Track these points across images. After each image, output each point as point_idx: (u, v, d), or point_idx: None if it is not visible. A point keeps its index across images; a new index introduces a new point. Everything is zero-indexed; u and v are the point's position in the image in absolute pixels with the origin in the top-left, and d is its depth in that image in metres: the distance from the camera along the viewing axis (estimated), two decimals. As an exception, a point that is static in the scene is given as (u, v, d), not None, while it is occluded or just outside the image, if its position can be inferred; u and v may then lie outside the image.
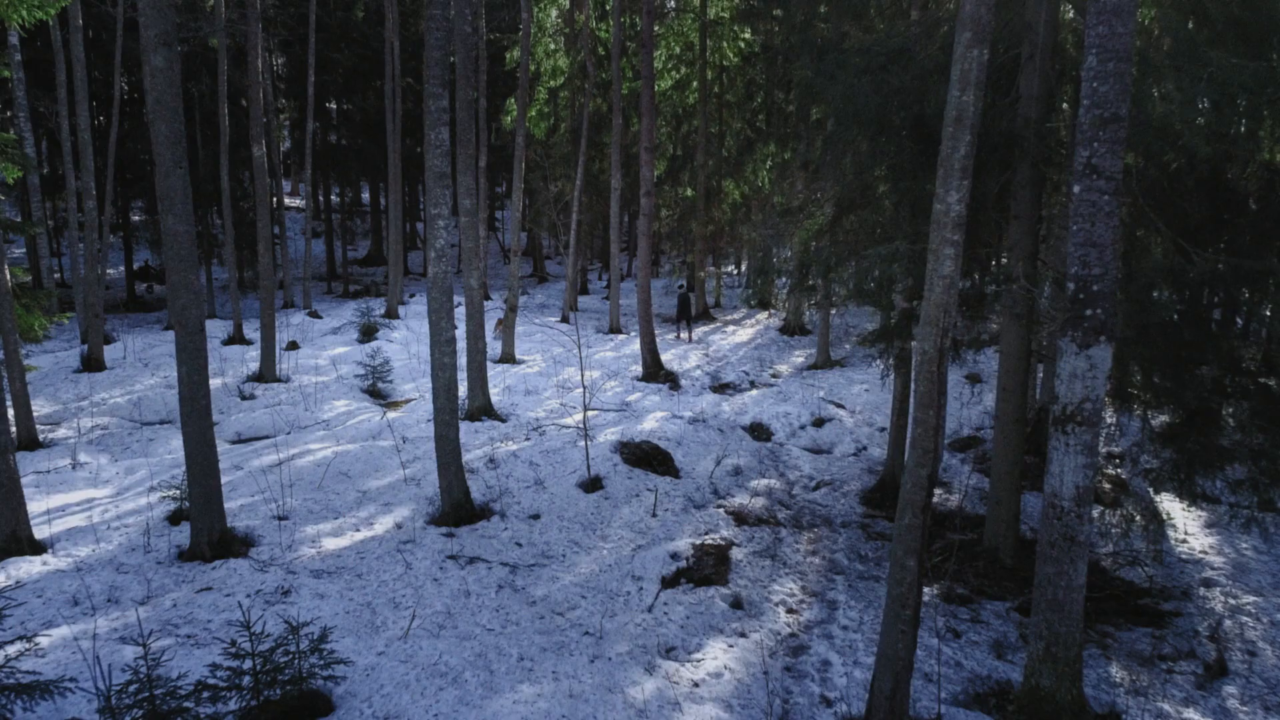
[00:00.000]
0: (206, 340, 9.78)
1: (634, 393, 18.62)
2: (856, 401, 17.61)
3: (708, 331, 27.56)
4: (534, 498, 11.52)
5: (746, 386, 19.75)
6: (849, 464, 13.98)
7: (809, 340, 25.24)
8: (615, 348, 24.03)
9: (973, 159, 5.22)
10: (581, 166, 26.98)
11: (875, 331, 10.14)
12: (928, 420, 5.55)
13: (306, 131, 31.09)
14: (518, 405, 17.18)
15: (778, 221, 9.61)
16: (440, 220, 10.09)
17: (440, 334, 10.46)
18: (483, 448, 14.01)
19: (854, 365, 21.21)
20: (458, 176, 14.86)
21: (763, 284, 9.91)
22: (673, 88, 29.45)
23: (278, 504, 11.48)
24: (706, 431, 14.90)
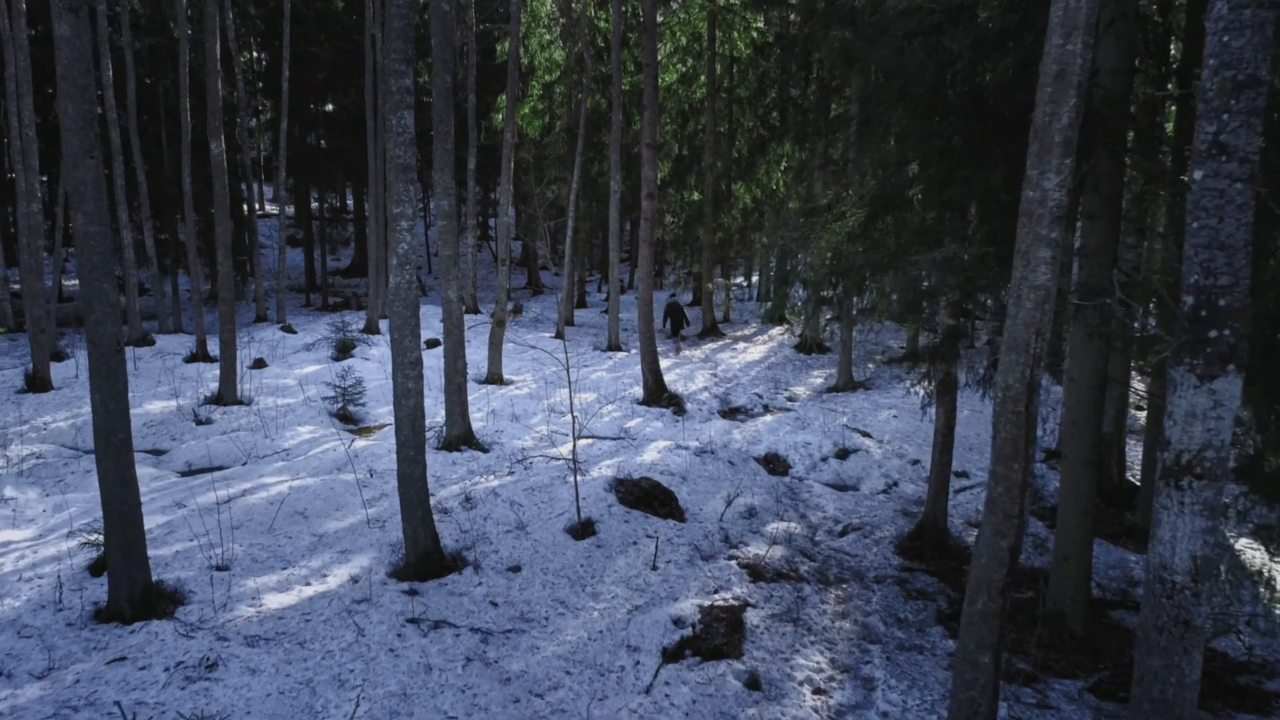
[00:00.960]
0: (125, 362, 8.68)
1: (633, 418, 17.53)
2: (884, 429, 16.49)
3: (716, 349, 26.48)
4: (515, 545, 10.39)
5: (759, 411, 18.65)
6: (879, 504, 12.84)
7: (828, 359, 24.15)
8: (614, 367, 22.94)
9: (1078, 129, 4.12)
10: (578, 168, 25.99)
11: (913, 352, 9.04)
12: (1011, 477, 4.44)
13: (281, 131, 30.09)
14: (503, 432, 16.09)
15: (801, 223, 8.53)
16: (404, 221, 9.01)
17: (404, 354, 9.36)
18: (459, 483, 12.92)
19: (879, 387, 20.09)
20: (435, 174, 13.85)
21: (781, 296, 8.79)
22: (678, 82, 28.45)
23: (219, 551, 10.37)
24: (715, 464, 13.78)
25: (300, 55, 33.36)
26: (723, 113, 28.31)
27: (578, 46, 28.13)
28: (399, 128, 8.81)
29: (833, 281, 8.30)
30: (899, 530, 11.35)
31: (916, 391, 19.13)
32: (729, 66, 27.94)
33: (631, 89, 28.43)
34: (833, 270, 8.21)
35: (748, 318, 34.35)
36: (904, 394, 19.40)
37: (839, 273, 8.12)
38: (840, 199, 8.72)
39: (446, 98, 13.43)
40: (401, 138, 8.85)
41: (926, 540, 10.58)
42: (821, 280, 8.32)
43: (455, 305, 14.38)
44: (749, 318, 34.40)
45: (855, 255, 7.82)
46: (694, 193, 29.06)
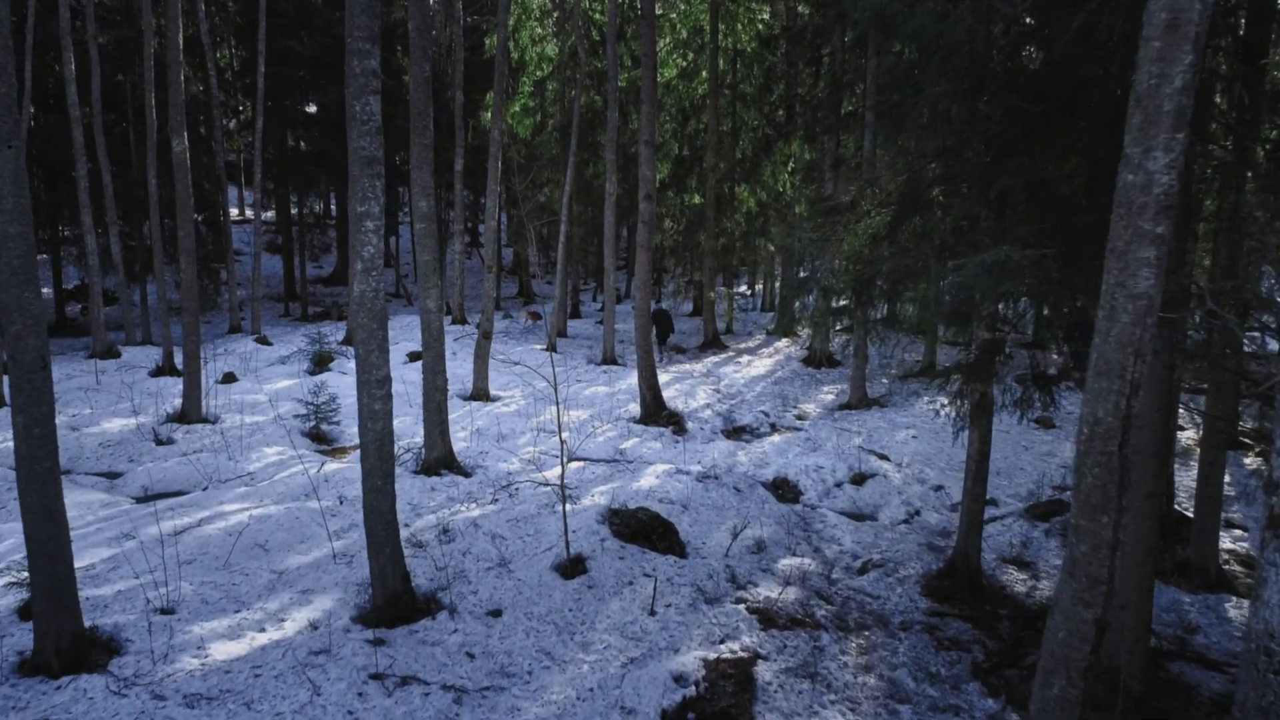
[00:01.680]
0: (51, 380, 7.90)
1: (629, 438, 16.76)
2: (902, 451, 15.73)
3: (718, 362, 25.73)
4: (496, 585, 9.61)
5: (766, 431, 17.88)
6: (901, 536, 12.06)
7: (839, 374, 23.41)
8: (609, 381, 22.19)
9: (1194, 94, 3.37)
10: (571, 169, 25.23)
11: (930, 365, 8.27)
12: (1099, 533, 3.68)
13: (257, 130, 29.37)
14: (487, 454, 15.33)
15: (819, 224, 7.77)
16: (369, 222, 8.26)
17: (370, 372, 8.60)
18: (437, 512, 12.15)
19: (896, 404, 19.35)
20: (413, 172, 13.13)
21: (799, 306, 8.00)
22: (678, 77, 27.78)
23: (165, 591, 9.58)
24: (719, 491, 13.01)
25: (279, 51, 32.66)
26: (725, 110, 27.63)
27: (571, 40, 27.47)
28: (363, 115, 8.06)
29: (857, 290, 7.53)
30: (925, 567, 10.56)
31: (938, 410, 18.51)
32: (732, 61, 27.28)
33: (628, 85, 27.74)
34: (858, 277, 7.43)
35: (751, 329, 33.61)
36: (923, 412, 18.66)
37: (865, 280, 7.34)
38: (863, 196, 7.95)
39: (425, 88, 12.72)
40: (366, 126, 8.10)
41: (957, 579, 9.79)
42: (845, 288, 7.54)
43: (435, 316, 13.64)
44: (753, 329, 33.67)
45: (883, 260, 7.07)
46: (695, 196, 28.36)
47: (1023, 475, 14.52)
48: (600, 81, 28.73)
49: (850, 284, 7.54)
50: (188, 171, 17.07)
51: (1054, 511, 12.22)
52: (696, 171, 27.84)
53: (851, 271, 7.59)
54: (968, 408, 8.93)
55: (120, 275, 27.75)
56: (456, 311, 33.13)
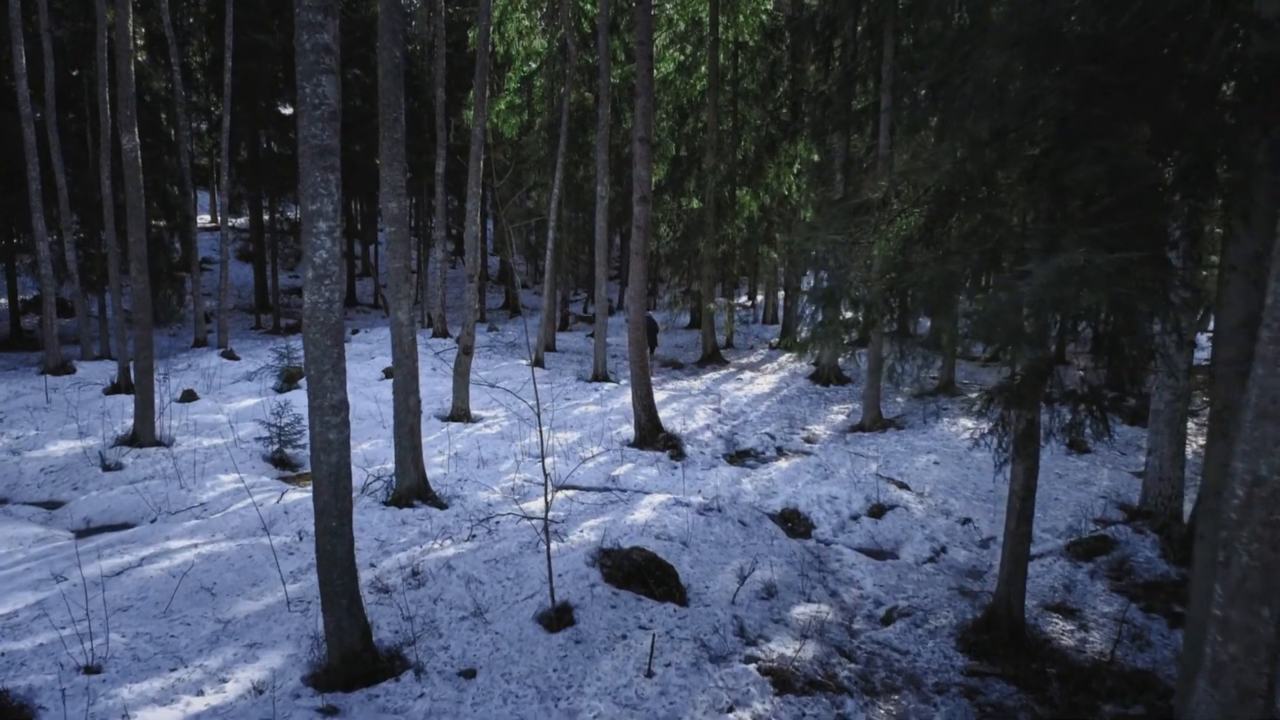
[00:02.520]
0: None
1: (623, 463, 15.93)
2: (924, 479, 14.90)
3: (719, 379, 24.93)
4: (470, 639, 8.73)
5: (772, 455, 17.06)
6: (927, 578, 11.21)
7: (848, 392, 22.62)
8: (600, 400, 21.36)
9: None
10: (560, 171, 24.51)
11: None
12: (1255, 629, 2.87)
13: (224, 130, 28.55)
14: (466, 482, 14.49)
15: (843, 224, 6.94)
16: (321, 222, 7.41)
17: (323, 396, 7.74)
18: (408, 549, 11.27)
19: (913, 426, 18.53)
20: (382, 170, 12.32)
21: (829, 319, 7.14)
22: (675, 72, 27.05)
23: (93, 645, 8.68)
24: (723, 525, 12.16)
25: (248, 45, 31.91)
26: (725, 108, 26.85)
27: (560, 32, 26.72)
28: (315, 98, 7.22)
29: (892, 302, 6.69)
30: (959, 617, 9.70)
31: (965, 433, 17.73)
32: (733, 55, 26.54)
33: (622, 82, 27.03)
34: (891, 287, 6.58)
35: (753, 342, 32.88)
36: (944, 434, 17.84)
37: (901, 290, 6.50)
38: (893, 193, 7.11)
39: (396, 75, 11.90)
40: (318, 111, 7.26)
41: (998, 632, 8.93)
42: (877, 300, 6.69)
43: (407, 329, 12.80)
44: (755, 342, 32.94)
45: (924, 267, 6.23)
46: (693, 200, 27.62)
47: (1058, 507, 13.68)
48: (591, 77, 28.06)
49: (883, 295, 6.70)
50: (139, 171, 16.23)
51: (1098, 550, 11.38)
52: (695, 174, 27.10)
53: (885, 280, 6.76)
54: (1010, 436, 8.08)
55: (76, 285, 26.89)
56: (437, 324, 32.34)
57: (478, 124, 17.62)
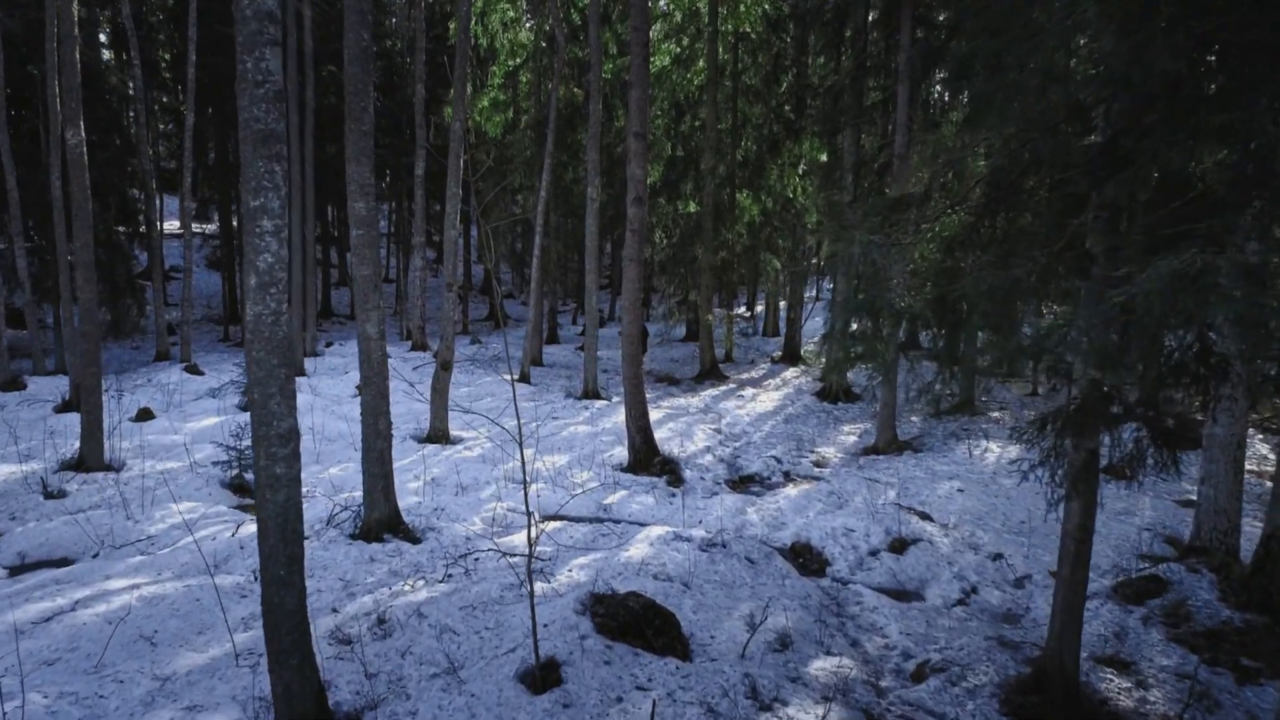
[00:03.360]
0: None
1: (616, 490, 15.10)
2: (947, 509, 14.09)
3: (718, 396, 24.15)
4: (442, 703, 7.87)
5: (779, 480, 16.27)
6: (959, 624, 10.38)
7: (859, 410, 21.84)
8: (591, 419, 20.53)
9: None
10: (547, 172, 23.73)
11: (1040, 419, 6.63)
12: None
13: (186, 128, 27.73)
14: (443, 512, 13.66)
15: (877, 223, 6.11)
16: (265, 220, 6.61)
17: (269, 423, 6.90)
18: (375, 592, 10.42)
19: (932, 449, 17.73)
20: (348, 167, 11.52)
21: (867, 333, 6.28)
22: (672, 64, 26.35)
23: (6, 709, 7.81)
24: (728, 563, 11.34)
25: (214, 38, 31.12)
26: (725, 105, 26.08)
27: (548, 23, 25.96)
28: (257, 73, 6.41)
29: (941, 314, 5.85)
30: (1001, 673, 8.85)
31: (986, 457, 16.96)
32: (733, 47, 25.76)
33: (614, 77, 26.28)
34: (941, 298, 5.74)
35: (754, 356, 32.10)
36: (966, 458, 17.04)
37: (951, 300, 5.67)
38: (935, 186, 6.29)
39: (364, 60, 11.11)
40: (262, 90, 6.44)
41: (1049, 694, 8.09)
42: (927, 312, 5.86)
43: (376, 344, 11.96)
44: (755, 356, 32.17)
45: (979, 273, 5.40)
46: (689, 203, 26.86)
47: (1099, 540, 12.85)
48: (580, 72, 27.40)
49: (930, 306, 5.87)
50: (85, 169, 15.38)
51: (1150, 592, 10.56)
52: (692, 175, 26.39)
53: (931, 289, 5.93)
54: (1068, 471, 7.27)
55: (28, 294, 25.99)
56: (416, 336, 31.55)
57: (457, 119, 16.82)
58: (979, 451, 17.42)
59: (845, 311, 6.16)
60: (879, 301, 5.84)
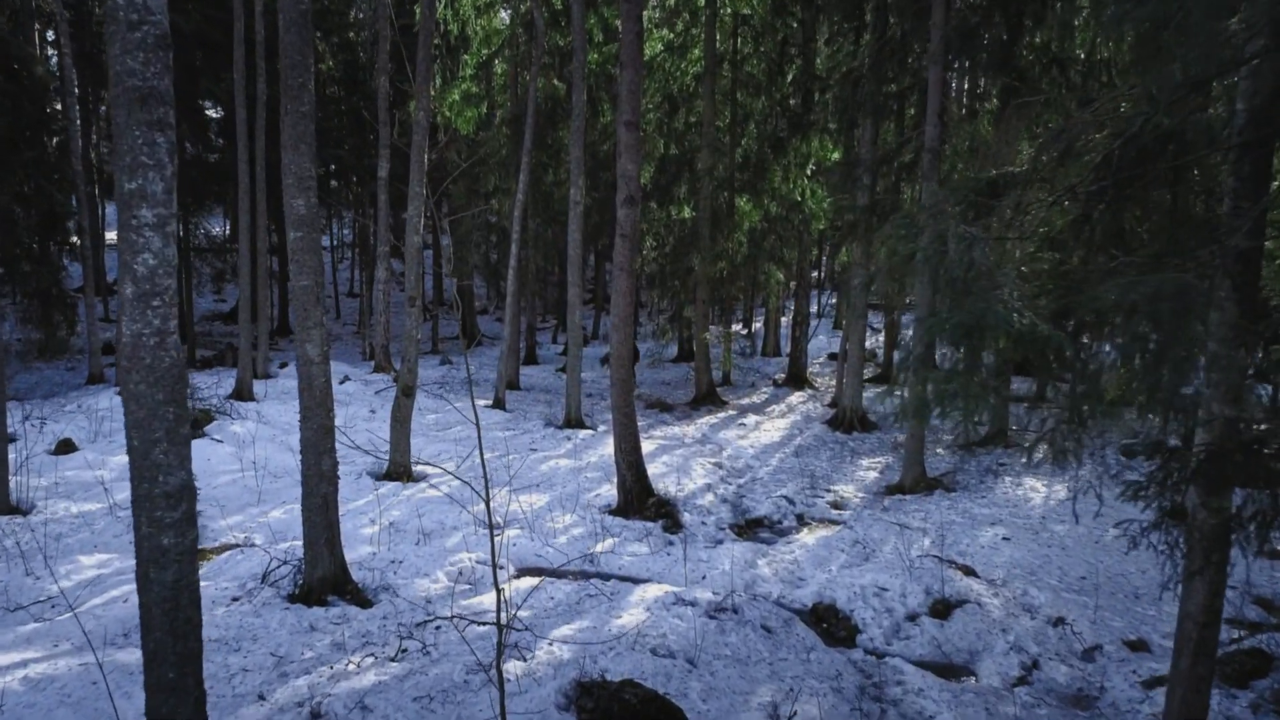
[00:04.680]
0: None
1: (604, 537, 13.77)
2: (993, 561, 12.79)
3: (717, 424, 22.90)
4: (386, 836, 6.50)
5: (792, 525, 15.00)
6: (1026, 712, 9.05)
7: (876, 441, 20.60)
8: (574, 452, 19.19)
9: None
10: (525, 173, 22.51)
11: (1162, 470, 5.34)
12: None
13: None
14: (400, 564, 12.28)
15: (961, 210, 4.82)
16: (144, 208, 5.30)
17: (153, 479, 5.57)
18: (311, 674, 9.03)
19: (968, 488, 16.47)
20: (284, 156, 10.22)
21: (966, 369, 4.97)
22: (664, 52, 25.23)
23: None
24: (741, 632, 10.02)
25: (159, 27, 29.64)
26: (724, 98, 24.90)
27: (526, 7, 24.74)
28: (131, 12, 5.13)
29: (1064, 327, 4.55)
30: (1091, 784, 7.53)
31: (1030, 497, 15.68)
32: (733, 34, 24.60)
33: (600, 68, 25.11)
34: (1064, 310, 4.46)
35: (754, 379, 30.89)
36: (1008, 499, 15.76)
37: (1078, 311, 4.40)
38: (1050, 160, 5.02)
39: (302, 27, 9.79)
40: (138, 33, 5.14)
41: (1163, 817, 6.77)
42: (1049, 331, 4.55)
43: (318, 369, 10.61)
44: (755, 379, 30.92)
45: (1126, 279, 4.13)
46: (684, 208, 25.64)
47: (1174, 601, 11.57)
48: (563, 62, 26.28)
49: (1052, 317, 4.57)
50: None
51: (1254, 669, 9.28)
52: (686, 176, 25.16)
53: (1053, 300, 4.64)
54: (1193, 535, 5.97)
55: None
56: (380, 356, 30.24)
57: (420, 108, 15.54)
58: (1021, 491, 16.16)
59: (933, 331, 4.80)
60: (989, 317, 4.48)
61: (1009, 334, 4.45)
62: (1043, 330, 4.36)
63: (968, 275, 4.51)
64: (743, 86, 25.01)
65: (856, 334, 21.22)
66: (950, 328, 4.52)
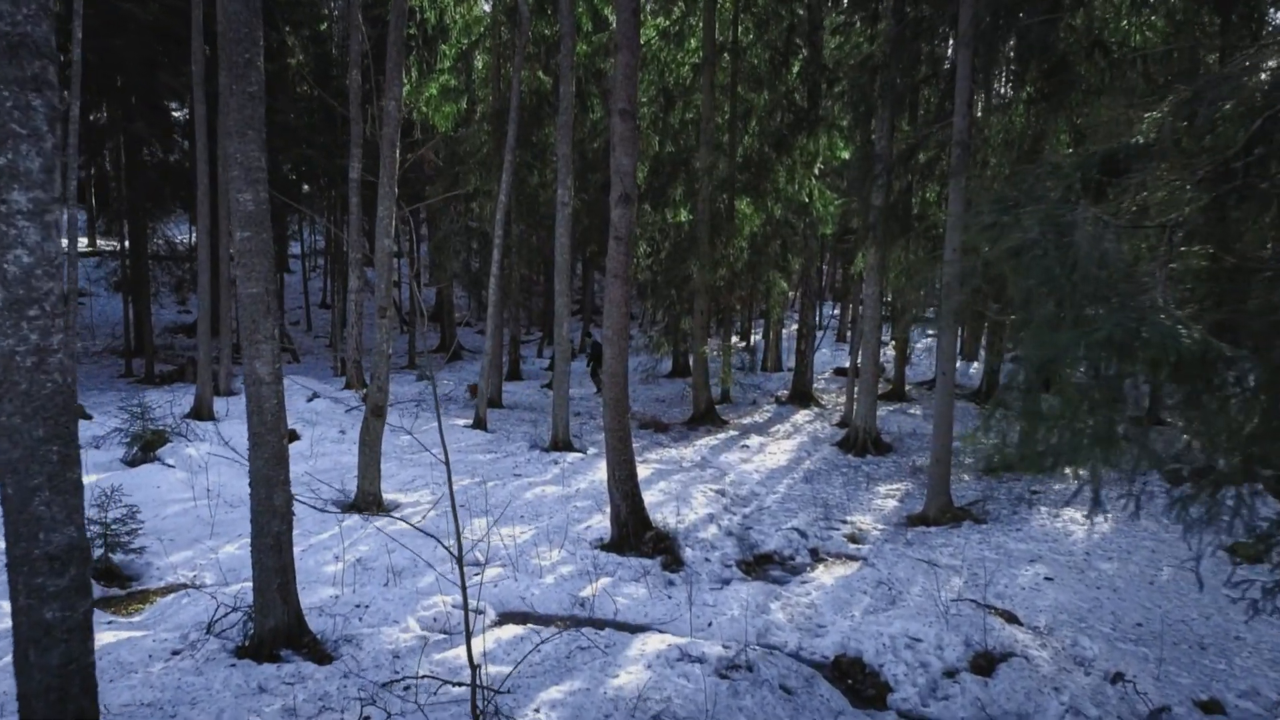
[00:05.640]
0: None
1: (597, 576, 12.79)
2: (1035, 605, 11.82)
3: (717, 445, 22.01)
4: None
5: (805, 561, 14.05)
6: (1096, 792, 8.08)
7: (893, 465, 19.70)
8: (562, 477, 18.22)
9: None
10: (508, 173, 21.63)
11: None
12: None
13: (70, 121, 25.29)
14: (366, 610, 11.30)
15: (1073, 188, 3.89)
16: (17, 191, 4.30)
17: (31, 537, 4.57)
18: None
19: (998, 519, 15.54)
20: (228, 145, 9.27)
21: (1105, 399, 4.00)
22: (659, 38, 24.28)
23: None
24: (758, 694, 9.04)
25: (110, 16, 28.78)
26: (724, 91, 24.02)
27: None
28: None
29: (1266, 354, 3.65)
30: None
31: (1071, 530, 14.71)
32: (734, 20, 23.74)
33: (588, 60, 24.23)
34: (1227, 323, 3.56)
35: (754, 395, 30.00)
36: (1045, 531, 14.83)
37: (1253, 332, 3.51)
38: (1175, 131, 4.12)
39: None
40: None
41: None
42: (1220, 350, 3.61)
43: (269, 389, 9.62)
44: (755, 395, 30.07)
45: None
46: (680, 211, 24.72)
47: (1246, 652, 10.63)
48: (549, 53, 25.38)
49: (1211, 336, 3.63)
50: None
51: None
52: (683, 177, 24.22)
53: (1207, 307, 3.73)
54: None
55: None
56: (352, 372, 29.24)
57: (391, 96, 14.58)
58: (1060, 523, 15.19)
59: (1059, 349, 3.75)
60: (1151, 331, 3.46)
61: (1176, 353, 3.45)
62: (1221, 350, 3.38)
63: (1095, 275, 3.55)
64: (744, 79, 24.17)
65: (870, 348, 20.37)
66: (1093, 345, 3.50)
